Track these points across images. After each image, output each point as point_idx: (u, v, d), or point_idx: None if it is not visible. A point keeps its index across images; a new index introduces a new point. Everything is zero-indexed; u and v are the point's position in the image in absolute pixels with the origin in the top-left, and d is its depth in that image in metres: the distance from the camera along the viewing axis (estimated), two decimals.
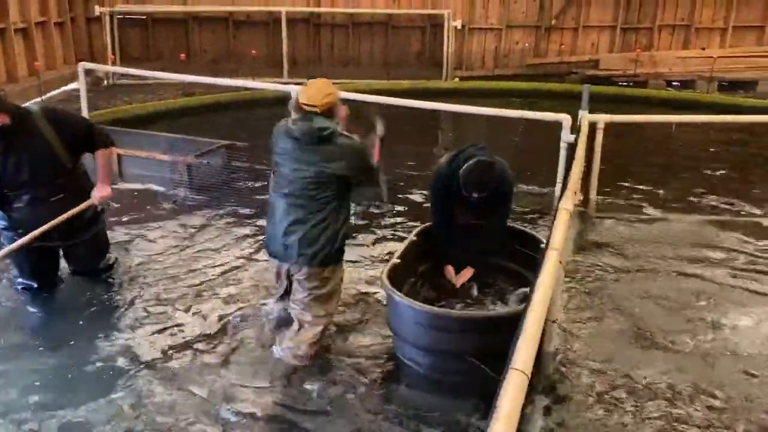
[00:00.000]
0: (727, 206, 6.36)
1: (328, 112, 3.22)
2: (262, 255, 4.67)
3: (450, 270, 3.98)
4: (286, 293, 3.53)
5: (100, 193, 4.03)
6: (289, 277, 3.42)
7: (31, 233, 3.76)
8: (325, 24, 13.29)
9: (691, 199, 6.57)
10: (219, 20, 12.82)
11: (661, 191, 6.78)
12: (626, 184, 6.95)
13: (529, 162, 7.24)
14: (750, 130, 9.40)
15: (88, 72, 9.53)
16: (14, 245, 3.78)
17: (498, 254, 4.03)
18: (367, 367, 3.48)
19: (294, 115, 3.28)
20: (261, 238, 4.92)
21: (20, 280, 4.18)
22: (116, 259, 4.56)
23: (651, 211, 6.15)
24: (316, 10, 12.97)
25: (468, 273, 3.95)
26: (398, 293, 3.27)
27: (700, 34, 14.39)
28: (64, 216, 3.86)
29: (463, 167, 3.67)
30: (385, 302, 3.77)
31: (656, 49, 14.25)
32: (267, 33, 12.92)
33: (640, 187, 6.92)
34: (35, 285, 4.12)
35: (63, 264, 4.33)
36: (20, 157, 3.70)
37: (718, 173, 7.58)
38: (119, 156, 6.55)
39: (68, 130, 3.88)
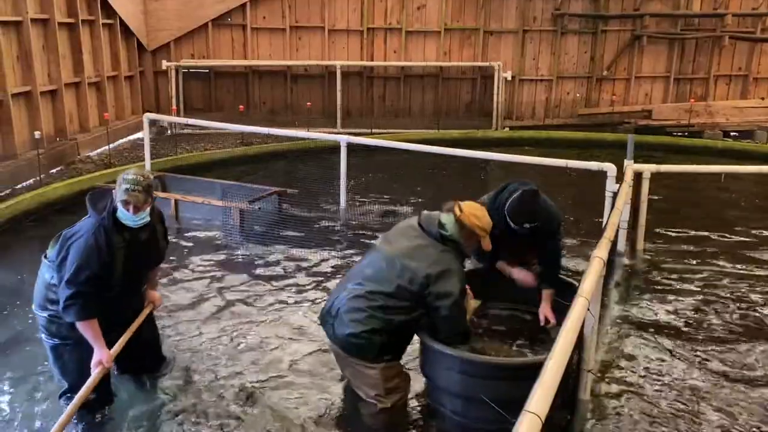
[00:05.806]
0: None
1: None
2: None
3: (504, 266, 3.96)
4: None
5: (159, 299, 3.84)
6: None
7: (137, 320, 3.57)
8: (377, 77, 13.70)
9: (741, 251, 6.38)
10: (277, 74, 13.41)
11: (709, 241, 6.63)
12: (675, 234, 6.82)
13: (579, 211, 7.27)
14: None
15: (153, 122, 10.14)
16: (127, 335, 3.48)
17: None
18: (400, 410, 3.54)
19: None
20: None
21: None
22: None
23: (698, 262, 6.02)
24: (369, 63, 13.41)
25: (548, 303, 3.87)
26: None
27: (759, 83, 14.12)
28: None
29: (510, 200, 3.70)
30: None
31: (712, 98, 14.03)
32: (322, 85, 13.41)
33: (688, 236, 6.78)
34: (94, 396, 3.35)
35: None
36: (141, 250, 3.41)
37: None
38: (176, 201, 6.92)
39: (163, 221, 3.74)
